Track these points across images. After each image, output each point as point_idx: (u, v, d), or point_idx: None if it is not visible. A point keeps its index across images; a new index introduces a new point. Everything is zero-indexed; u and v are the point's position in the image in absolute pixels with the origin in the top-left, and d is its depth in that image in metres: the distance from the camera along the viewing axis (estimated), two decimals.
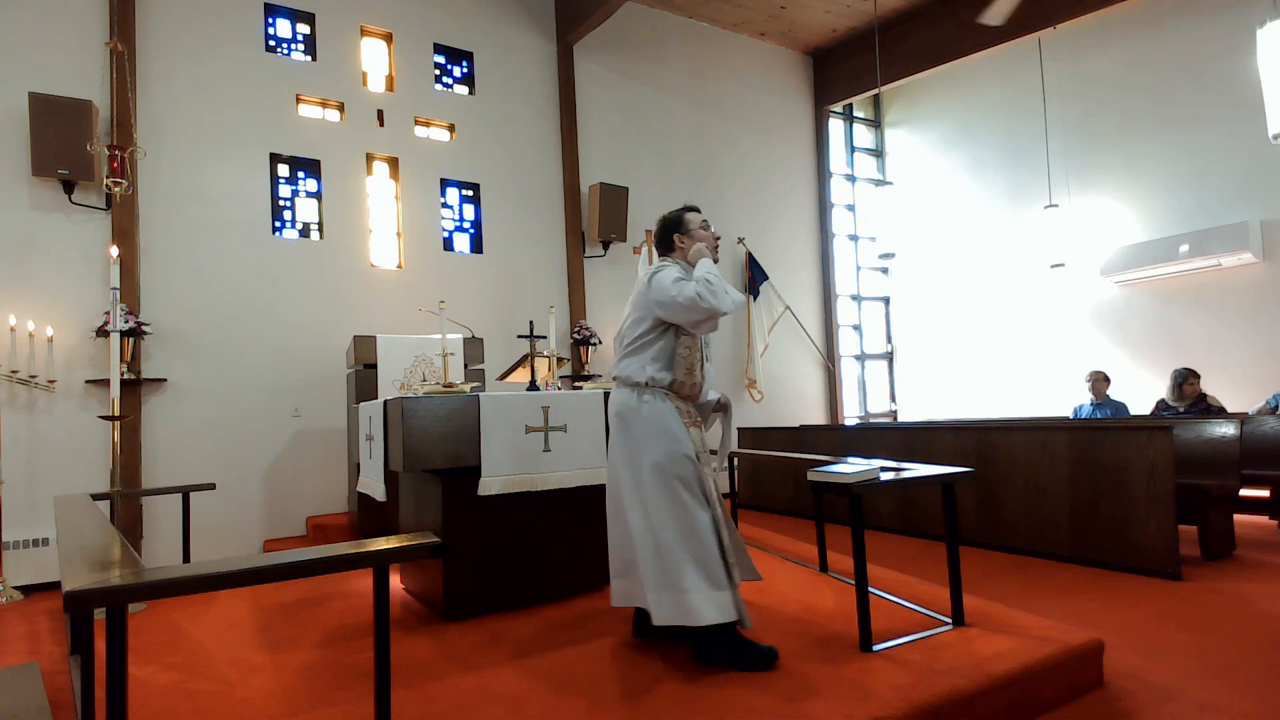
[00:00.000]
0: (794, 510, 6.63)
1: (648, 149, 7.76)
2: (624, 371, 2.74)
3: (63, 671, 2.98)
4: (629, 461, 2.67)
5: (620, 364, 2.77)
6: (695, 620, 2.45)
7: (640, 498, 2.62)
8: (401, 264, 6.34)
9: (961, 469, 2.97)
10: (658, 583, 2.53)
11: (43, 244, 4.98)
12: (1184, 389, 5.74)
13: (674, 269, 2.75)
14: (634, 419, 2.67)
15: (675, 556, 2.52)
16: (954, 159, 9.01)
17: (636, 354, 2.72)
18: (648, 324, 2.71)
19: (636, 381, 2.70)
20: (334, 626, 3.30)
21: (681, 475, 2.60)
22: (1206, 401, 5.75)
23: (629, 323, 2.78)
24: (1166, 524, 4.00)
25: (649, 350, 2.70)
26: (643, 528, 2.59)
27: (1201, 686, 2.58)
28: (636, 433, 2.66)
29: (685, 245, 2.86)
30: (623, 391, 2.74)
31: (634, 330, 2.74)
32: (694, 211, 2.93)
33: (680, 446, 2.62)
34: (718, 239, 2.92)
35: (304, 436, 5.74)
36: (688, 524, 2.55)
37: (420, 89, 6.52)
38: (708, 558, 2.53)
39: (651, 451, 2.62)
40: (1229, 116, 6.66)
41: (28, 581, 4.64)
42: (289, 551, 1.76)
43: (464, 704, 2.35)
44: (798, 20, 8.32)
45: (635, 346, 2.73)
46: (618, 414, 2.74)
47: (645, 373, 2.69)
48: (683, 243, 2.87)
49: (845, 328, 9.36)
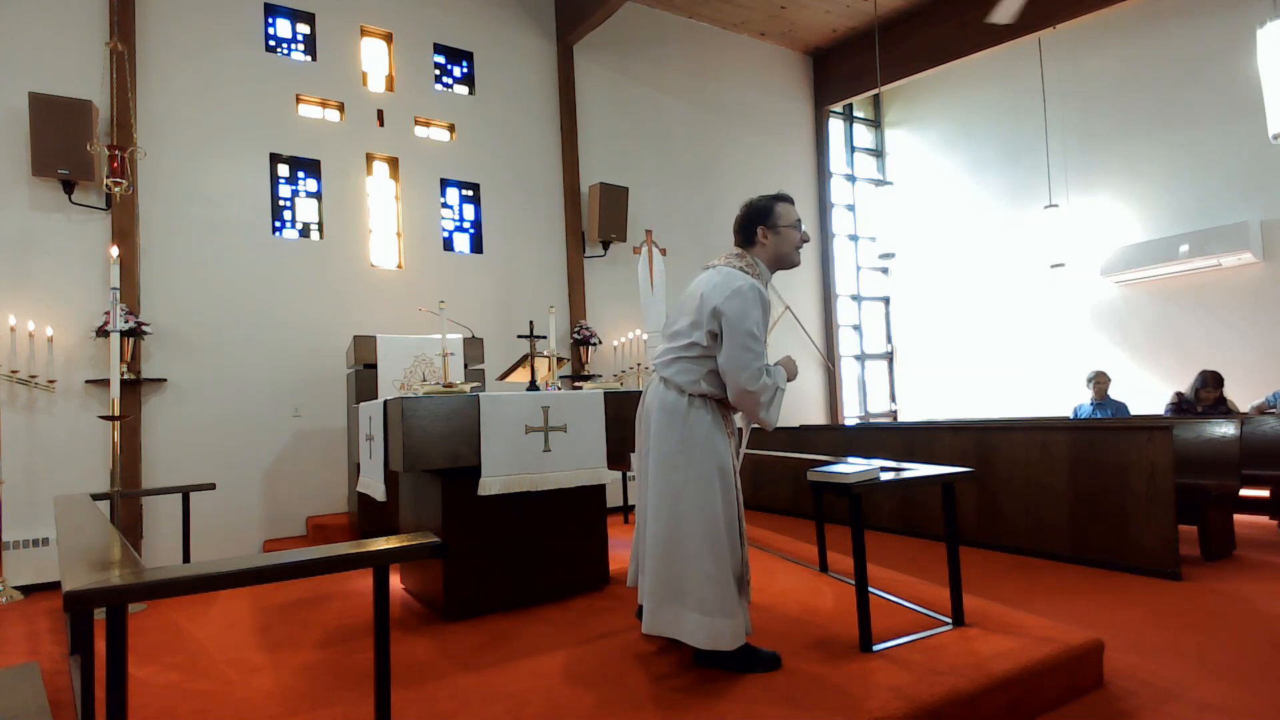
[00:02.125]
0: (794, 510, 6.63)
1: (648, 149, 7.77)
2: (675, 376, 2.52)
3: (63, 671, 2.98)
4: (665, 460, 2.48)
5: (672, 365, 2.55)
6: (700, 644, 2.38)
7: (668, 502, 2.46)
8: (401, 264, 6.34)
9: (961, 469, 2.97)
10: (665, 594, 2.43)
11: (43, 244, 4.98)
12: (1200, 394, 5.69)
13: (750, 294, 2.42)
14: (680, 423, 2.47)
15: (693, 572, 2.39)
16: (954, 159, 9.01)
17: (693, 363, 2.50)
18: (707, 339, 2.46)
19: (688, 391, 2.50)
20: (334, 626, 3.30)
21: (722, 484, 2.45)
22: (1226, 406, 5.70)
23: (686, 324, 2.53)
24: (1166, 524, 4.00)
25: (707, 364, 2.49)
26: (663, 535, 2.45)
27: (1201, 686, 2.58)
28: (680, 435, 2.47)
29: (768, 244, 2.56)
30: (670, 393, 2.53)
31: (690, 335, 2.50)
32: (786, 203, 2.58)
33: (723, 459, 2.47)
34: (805, 240, 2.62)
35: (304, 436, 5.74)
36: (717, 540, 2.41)
37: (420, 89, 6.52)
38: (727, 578, 2.41)
39: (699, 460, 2.44)
40: (1229, 116, 6.66)
41: (28, 581, 4.65)
42: (289, 551, 1.76)
43: (464, 704, 2.34)
44: (798, 20, 8.32)
45: (693, 355, 2.50)
46: (661, 411, 2.52)
47: (699, 386, 2.49)
48: (766, 239, 2.56)
49: (845, 328, 9.36)
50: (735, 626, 2.40)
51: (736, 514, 2.49)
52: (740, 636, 2.42)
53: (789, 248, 2.57)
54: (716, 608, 2.38)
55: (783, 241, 2.56)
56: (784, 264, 2.61)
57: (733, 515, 2.48)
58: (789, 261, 2.60)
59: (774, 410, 2.45)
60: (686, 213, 7.94)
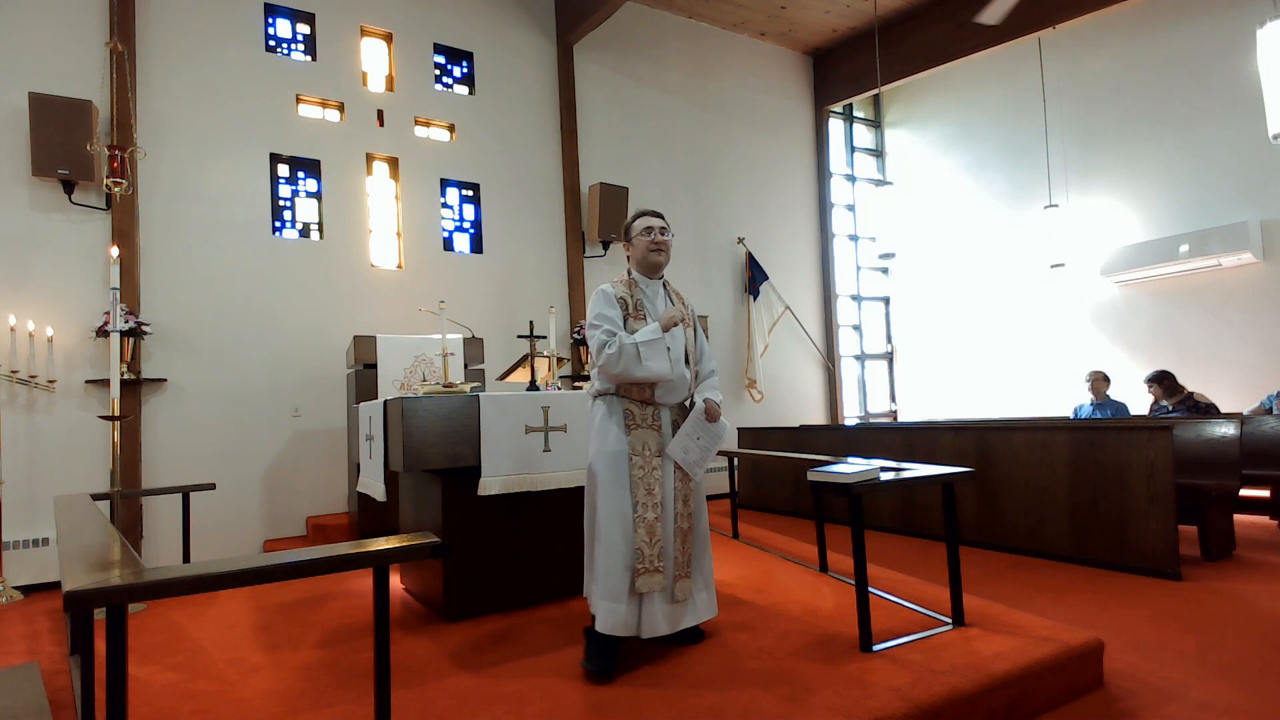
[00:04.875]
0: (794, 510, 6.63)
1: (648, 149, 7.76)
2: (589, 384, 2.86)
3: (63, 671, 2.98)
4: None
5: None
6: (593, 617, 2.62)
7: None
8: (401, 264, 6.34)
9: (961, 469, 2.97)
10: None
11: (43, 244, 4.98)
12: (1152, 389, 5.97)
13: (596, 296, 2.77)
14: (589, 422, 2.81)
15: (587, 554, 2.73)
16: (954, 159, 9.01)
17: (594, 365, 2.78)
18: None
19: (590, 393, 2.81)
20: (334, 626, 3.30)
21: (603, 474, 2.66)
22: (1194, 399, 5.77)
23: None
24: (1166, 524, 4.00)
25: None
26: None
27: (1201, 686, 2.58)
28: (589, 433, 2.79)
29: (630, 253, 2.87)
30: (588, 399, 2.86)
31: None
32: (640, 216, 2.85)
33: (606, 445, 2.68)
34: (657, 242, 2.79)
35: (304, 436, 5.74)
36: (593, 526, 2.68)
37: (420, 89, 6.52)
38: (610, 564, 2.57)
39: (590, 455, 2.74)
40: (1229, 116, 6.66)
41: (28, 581, 4.65)
42: (289, 551, 1.76)
43: (464, 704, 2.35)
44: (798, 20, 8.32)
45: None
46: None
47: (594, 386, 2.79)
48: (628, 249, 2.89)
49: (845, 328, 9.36)
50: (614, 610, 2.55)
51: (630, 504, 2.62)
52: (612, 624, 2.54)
53: (642, 252, 2.82)
54: (592, 589, 2.65)
55: (635, 248, 2.84)
56: (645, 266, 2.83)
57: (617, 507, 2.62)
58: (648, 262, 2.82)
59: (631, 364, 2.60)
60: (686, 213, 7.94)
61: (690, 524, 2.76)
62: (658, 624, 2.60)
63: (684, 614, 2.70)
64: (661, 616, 2.62)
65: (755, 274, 8.26)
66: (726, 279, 8.23)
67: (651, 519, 2.63)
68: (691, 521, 2.77)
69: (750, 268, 8.25)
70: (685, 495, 2.75)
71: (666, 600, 2.64)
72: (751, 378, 8.17)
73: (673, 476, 2.72)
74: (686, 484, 2.76)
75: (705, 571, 2.81)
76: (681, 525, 2.71)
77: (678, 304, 2.87)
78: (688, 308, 2.90)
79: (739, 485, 7.04)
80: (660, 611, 2.62)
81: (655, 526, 2.63)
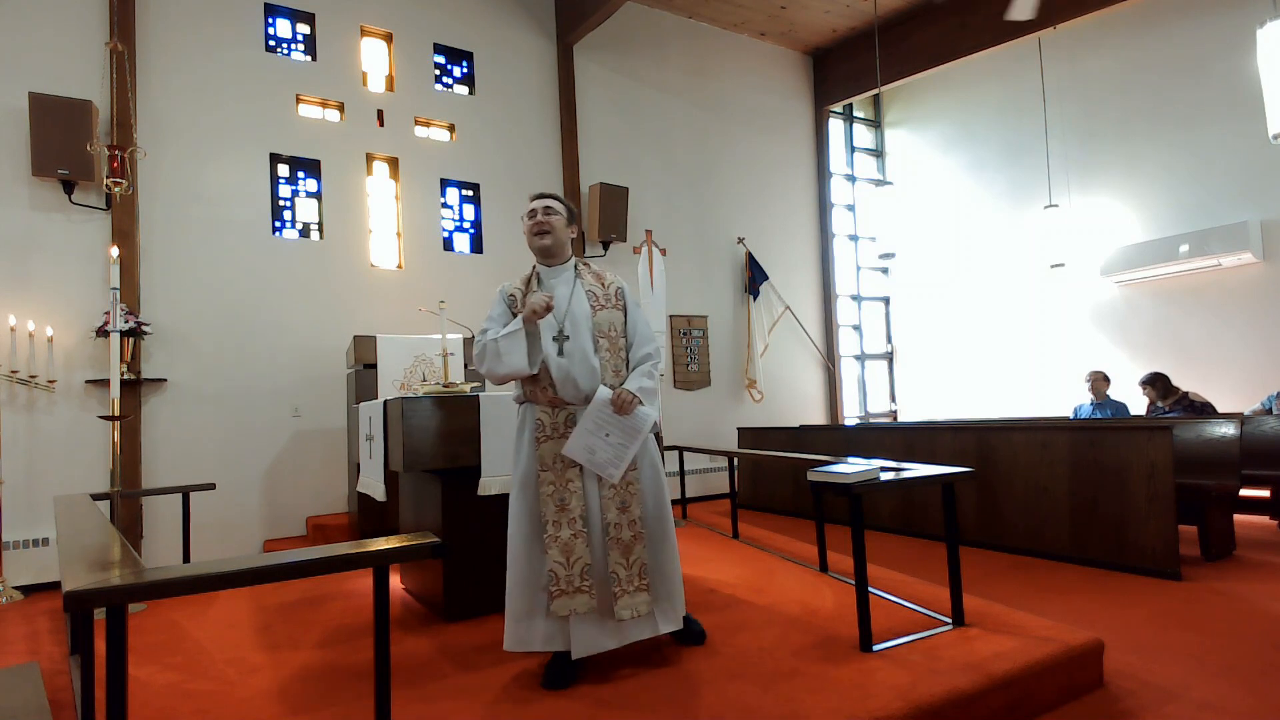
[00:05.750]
0: (794, 510, 6.63)
1: (648, 149, 7.76)
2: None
3: (63, 671, 2.98)
4: None
5: None
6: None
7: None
8: (401, 264, 6.34)
9: (961, 469, 2.97)
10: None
11: (43, 244, 4.98)
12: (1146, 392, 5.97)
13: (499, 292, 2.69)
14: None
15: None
16: (954, 159, 9.01)
17: None
18: None
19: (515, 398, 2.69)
20: (334, 626, 3.30)
21: (513, 495, 2.56)
22: (1190, 399, 5.77)
23: None
24: (1166, 524, 4.00)
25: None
26: None
27: (1201, 686, 2.58)
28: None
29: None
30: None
31: None
32: (531, 201, 2.71)
33: (517, 467, 2.57)
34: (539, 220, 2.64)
35: (304, 436, 5.74)
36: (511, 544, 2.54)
37: (420, 89, 6.52)
38: (513, 587, 2.49)
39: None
40: (1229, 116, 6.66)
41: (28, 581, 4.65)
42: (289, 551, 1.76)
43: (464, 704, 2.34)
44: (798, 20, 8.32)
45: None
46: None
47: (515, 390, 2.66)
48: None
49: (845, 328, 9.36)
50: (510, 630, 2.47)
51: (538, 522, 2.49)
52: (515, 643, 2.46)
53: (529, 236, 2.69)
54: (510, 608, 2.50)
55: (526, 234, 2.70)
56: (536, 251, 2.70)
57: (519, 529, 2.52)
58: (536, 247, 2.69)
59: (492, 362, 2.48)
60: (686, 213, 7.94)
61: (636, 533, 2.52)
62: (595, 642, 2.45)
63: (635, 627, 2.51)
64: (598, 635, 2.45)
65: (755, 274, 8.26)
66: (726, 279, 8.23)
67: (567, 537, 2.45)
68: (637, 530, 2.53)
69: (750, 268, 8.25)
70: (624, 502, 2.51)
71: (603, 618, 2.46)
72: (751, 378, 8.17)
73: (597, 484, 2.50)
74: (626, 489, 2.52)
75: (669, 580, 2.60)
76: (620, 536, 2.49)
77: (594, 285, 2.64)
78: (607, 286, 2.67)
79: (739, 485, 7.04)
80: (594, 631, 2.45)
81: (573, 545, 2.44)
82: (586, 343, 2.54)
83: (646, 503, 2.58)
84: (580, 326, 2.55)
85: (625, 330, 2.65)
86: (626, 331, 2.65)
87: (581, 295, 2.62)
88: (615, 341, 2.60)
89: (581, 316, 2.56)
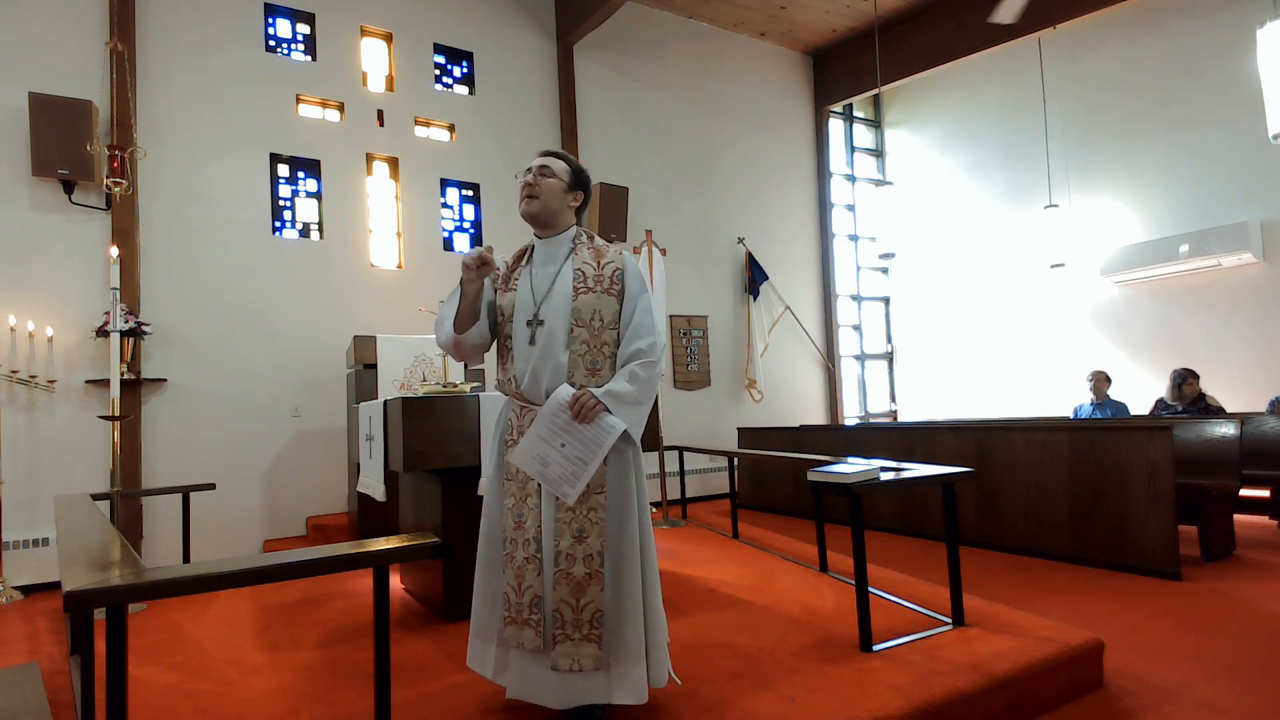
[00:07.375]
0: (794, 510, 6.63)
1: (648, 149, 7.76)
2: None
3: (63, 671, 2.98)
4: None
5: None
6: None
7: None
8: (401, 264, 6.34)
9: (961, 469, 2.97)
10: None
11: (43, 244, 4.97)
12: (1183, 389, 5.77)
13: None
14: None
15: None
16: (954, 159, 9.01)
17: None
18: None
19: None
20: (334, 626, 3.30)
21: (485, 498, 2.25)
22: (1205, 401, 5.76)
23: None
24: (1166, 524, 4.00)
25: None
26: None
27: (1201, 686, 2.58)
28: None
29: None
30: None
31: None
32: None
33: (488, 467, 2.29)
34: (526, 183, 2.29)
35: (304, 436, 5.74)
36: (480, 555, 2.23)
37: (420, 89, 6.52)
38: (480, 598, 2.18)
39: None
40: (1229, 116, 6.66)
41: (28, 581, 4.65)
42: (289, 551, 1.76)
43: (464, 704, 2.34)
44: (798, 20, 8.32)
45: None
46: None
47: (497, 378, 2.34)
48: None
49: (845, 328, 9.36)
50: (470, 646, 2.20)
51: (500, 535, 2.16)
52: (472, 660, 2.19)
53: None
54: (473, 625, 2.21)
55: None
56: (526, 219, 2.31)
57: (487, 531, 2.20)
58: (524, 214, 2.30)
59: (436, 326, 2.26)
60: (686, 213, 7.94)
61: (592, 570, 2.01)
62: (531, 688, 2.05)
63: (579, 687, 2.01)
64: (538, 682, 2.04)
65: (755, 274, 8.26)
66: (726, 279, 8.23)
67: (521, 559, 2.05)
68: (594, 567, 2.01)
69: (750, 268, 8.25)
70: (581, 530, 2.03)
71: (543, 665, 2.03)
72: (751, 378, 8.17)
73: (551, 503, 2.06)
74: (587, 514, 2.03)
75: (629, 640, 2.02)
76: (570, 570, 2.01)
77: (586, 264, 2.18)
78: (602, 267, 2.18)
79: (739, 485, 7.04)
80: (534, 675, 2.04)
81: (525, 570, 2.04)
82: (559, 331, 2.11)
83: (610, 534, 2.05)
84: (557, 311, 2.12)
85: (619, 320, 2.16)
86: (620, 321, 2.16)
87: (568, 274, 2.18)
88: (597, 333, 2.12)
89: (561, 299, 2.13)
